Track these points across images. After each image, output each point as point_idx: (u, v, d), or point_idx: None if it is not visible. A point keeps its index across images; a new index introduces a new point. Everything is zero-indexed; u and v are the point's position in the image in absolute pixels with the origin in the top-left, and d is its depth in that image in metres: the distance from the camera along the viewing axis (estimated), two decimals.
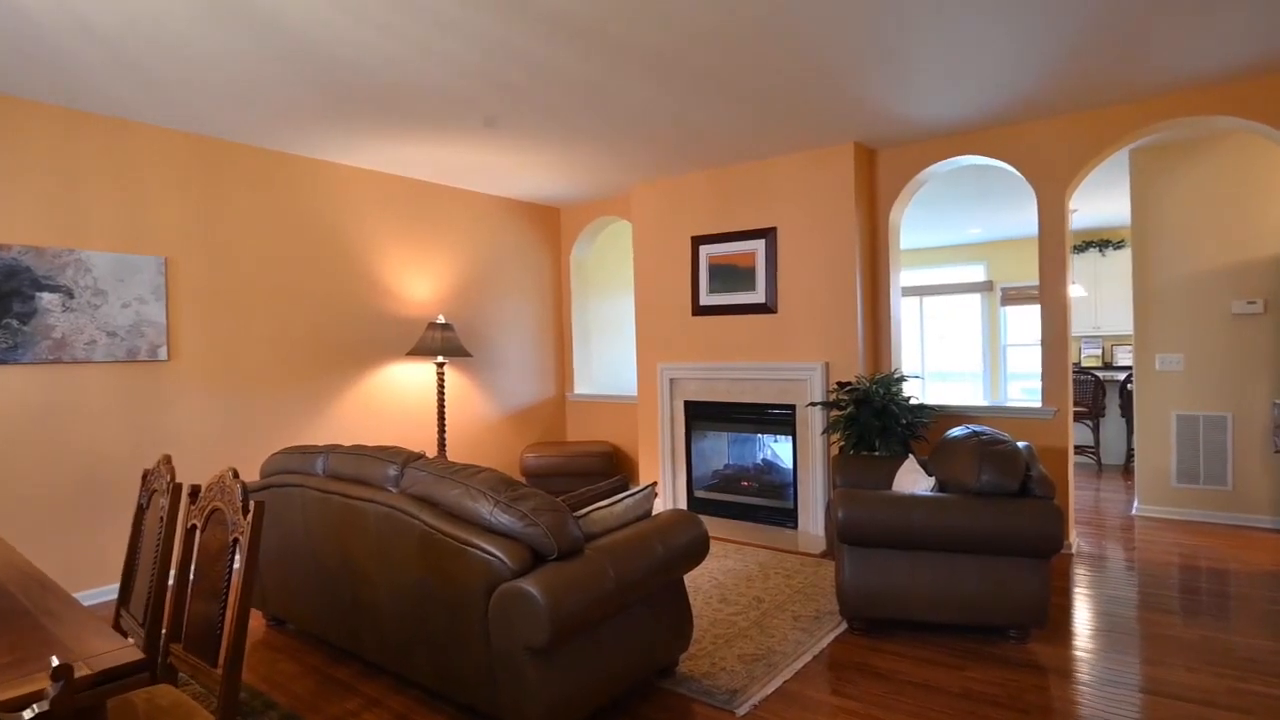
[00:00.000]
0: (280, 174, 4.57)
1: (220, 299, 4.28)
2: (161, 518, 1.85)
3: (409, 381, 5.33)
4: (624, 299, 7.23)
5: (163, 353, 3.99)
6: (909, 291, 9.55)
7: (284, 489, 2.97)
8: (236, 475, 1.60)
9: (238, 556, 1.53)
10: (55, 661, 1.10)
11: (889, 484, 3.62)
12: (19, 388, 3.53)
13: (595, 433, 6.49)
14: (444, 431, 5.22)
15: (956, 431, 3.30)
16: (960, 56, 3.30)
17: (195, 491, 1.79)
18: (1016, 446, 3.04)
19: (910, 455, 3.78)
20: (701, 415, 5.41)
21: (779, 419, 5.01)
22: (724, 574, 3.98)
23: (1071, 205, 6.10)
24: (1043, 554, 2.88)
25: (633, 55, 3.16)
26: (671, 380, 5.50)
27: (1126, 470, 6.68)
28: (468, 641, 2.16)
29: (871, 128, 4.36)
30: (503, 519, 2.12)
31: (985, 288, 9.14)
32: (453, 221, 5.66)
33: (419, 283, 5.42)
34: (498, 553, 2.06)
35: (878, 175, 4.87)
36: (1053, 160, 4.23)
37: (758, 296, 5.04)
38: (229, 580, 1.60)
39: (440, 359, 5.26)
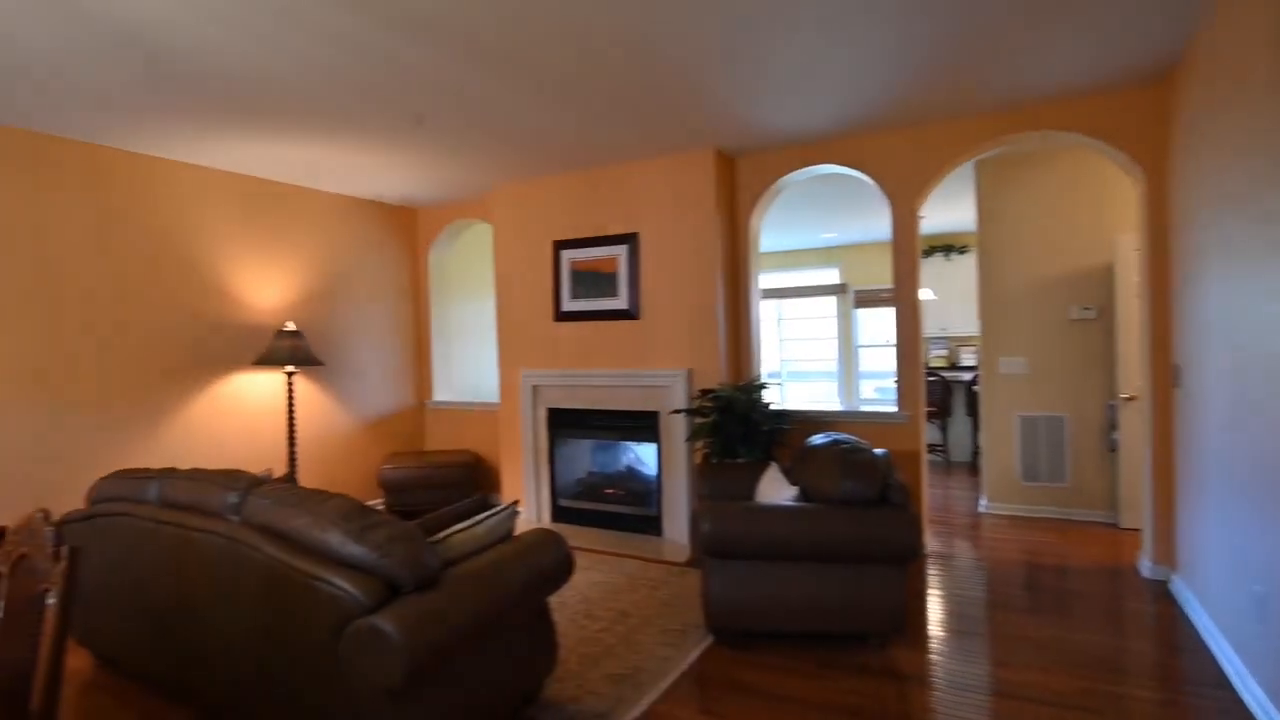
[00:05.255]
0: (108, 171, 4.46)
1: (38, 308, 4.11)
2: None
3: (257, 393, 5.28)
4: (485, 303, 7.30)
5: None
6: (766, 294, 10.14)
7: (112, 518, 2.85)
8: (47, 517, 1.52)
9: (49, 609, 1.47)
10: None
11: (752, 492, 3.88)
12: None
13: (456, 441, 6.51)
14: (294, 445, 5.19)
15: (817, 439, 3.57)
16: (815, 69, 3.58)
17: (1, 533, 1.67)
18: (875, 455, 3.34)
19: (773, 463, 4.07)
20: (565, 423, 5.54)
21: (643, 425, 5.22)
22: (589, 587, 4.12)
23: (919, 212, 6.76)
24: (901, 561, 3.15)
25: (486, 54, 3.22)
26: (534, 387, 5.58)
27: (973, 468, 7.50)
28: (317, 685, 2.15)
29: (731, 135, 4.64)
30: (354, 550, 2.13)
31: (839, 290, 9.91)
32: (301, 223, 5.59)
33: (266, 288, 5.33)
34: (349, 586, 2.07)
35: (738, 182, 5.18)
36: (904, 170, 4.65)
37: (621, 303, 5.23)
38: (39, 636, 1.52)
39: (290, 368, 5.21)
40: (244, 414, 5.19)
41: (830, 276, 10.00)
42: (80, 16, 2.72)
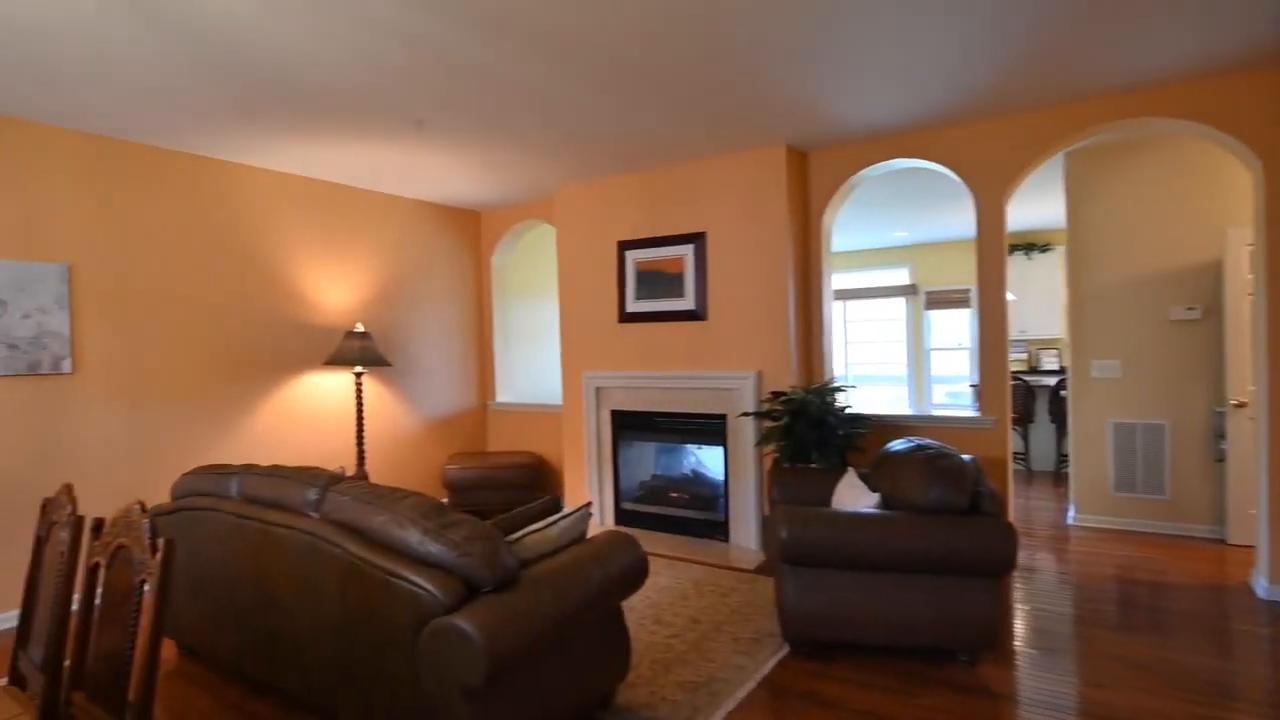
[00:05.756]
0: (192, 176, 4.67)
1: (129, 308, 4.34)
2: (62, 553, 1.82)
3: (327, 392, 5.49)
4: (548, 305, 7.42)
5: (66, 365, 4.04)
6: (834, 295, 9.99)
7: (196, 513, 2.98)
8: (144, 509, 1.57)
9: (146, 599, 1.51)
10: None
11: (829, 498, 3.80)
12: None
13: (517, 442, 6.61)
14: (363, 443, 5.39)
15: (899, 445, 3.48)
16: (900, 57, 3.45)
17: (99, 525, 1.74)
18: (964, 461, 3.23)
19: (850, 468, 3.97)
20: (629, 425, 5.53)
21: (709, 429, 5.17)
22: (657, 592, 4.09)
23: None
24: (995, 574, 3.03)
25: (554, 51, 3.23)
26: (598, 389, 5.59)
27: (1057, 477, 7.22)
28: (395, 682, 2.17)
29: (803, 129, 4.56)
30: (433, 549, 2.15)
31: (909, 291, 9.67)
32: (369, 226, 5.79)
33: (336, 290, 5.54)
34: (428, 585, 2.08)
35: (809, 178, 5.07)
36: (992, 163, 4.46)
37: (687, 303, 5.20)
38: (136, 626, 1.57)
39: (359, 369, 5.42)
40: (314, 413, 5.39)
41: (900, 277, 9.79)
42: (158, 22, 2.81)
